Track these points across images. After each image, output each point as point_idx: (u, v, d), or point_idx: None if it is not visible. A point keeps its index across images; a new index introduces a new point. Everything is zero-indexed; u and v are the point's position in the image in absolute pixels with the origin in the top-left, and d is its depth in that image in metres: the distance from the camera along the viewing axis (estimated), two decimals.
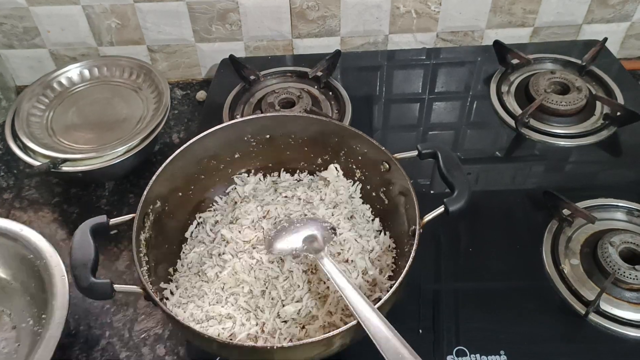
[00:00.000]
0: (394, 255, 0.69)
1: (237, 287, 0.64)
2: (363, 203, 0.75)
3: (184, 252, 0.72)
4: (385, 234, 0.71)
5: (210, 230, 0.73)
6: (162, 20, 1.00)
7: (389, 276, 0.66)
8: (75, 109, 0.91)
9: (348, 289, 0.57)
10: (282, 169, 0.80)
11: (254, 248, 0.68)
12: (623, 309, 0.66)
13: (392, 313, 0.60)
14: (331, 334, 0.52)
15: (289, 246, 0.66)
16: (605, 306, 0.66)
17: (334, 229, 0.67)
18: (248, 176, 0.79)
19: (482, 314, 0.67)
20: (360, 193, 0.76)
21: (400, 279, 0.56)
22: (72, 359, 0.68)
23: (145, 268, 0.62)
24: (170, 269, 0.69)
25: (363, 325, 0.52)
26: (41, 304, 0.68)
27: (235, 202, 0.75)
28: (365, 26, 1.04)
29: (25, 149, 0.83)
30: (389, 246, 0.70)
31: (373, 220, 0.73)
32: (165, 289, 0.66)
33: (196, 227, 0.74)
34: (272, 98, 0.95)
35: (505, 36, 1.04)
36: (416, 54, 1.07)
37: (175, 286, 0.67)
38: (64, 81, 0.94)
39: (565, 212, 0.76)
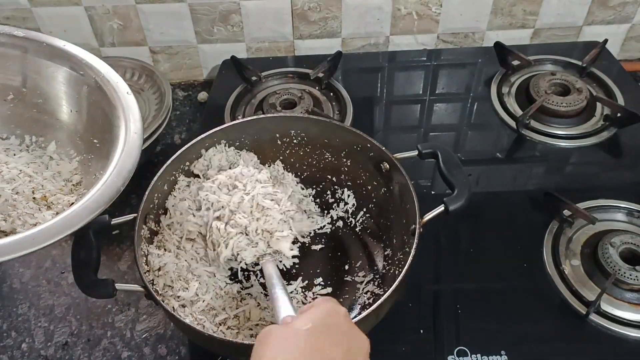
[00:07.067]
0: None
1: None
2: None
3: None
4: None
5: None
6: (164, 22, 1.01)
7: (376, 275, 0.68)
8: None
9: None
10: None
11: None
12: (623, 310, 0.66)
13: (393, 313, 0.60)
14: None
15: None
16: (605, 307, 0.66)
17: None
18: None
19: (483, 314, 0.67)
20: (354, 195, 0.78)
21: (400, 278, 0.56)
22: (74, 358, 0.68)
23: (147, 268, 0.62)
24: None
25: None
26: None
27: None
28: (366, 28, 1.04)
29: None
30: None
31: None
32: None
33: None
34: (273, 99, 0.95)
35: (505, 38, 1.04)
36: (417, 56, 1.07)
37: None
38: None
39: (566, 213, 0.76)
